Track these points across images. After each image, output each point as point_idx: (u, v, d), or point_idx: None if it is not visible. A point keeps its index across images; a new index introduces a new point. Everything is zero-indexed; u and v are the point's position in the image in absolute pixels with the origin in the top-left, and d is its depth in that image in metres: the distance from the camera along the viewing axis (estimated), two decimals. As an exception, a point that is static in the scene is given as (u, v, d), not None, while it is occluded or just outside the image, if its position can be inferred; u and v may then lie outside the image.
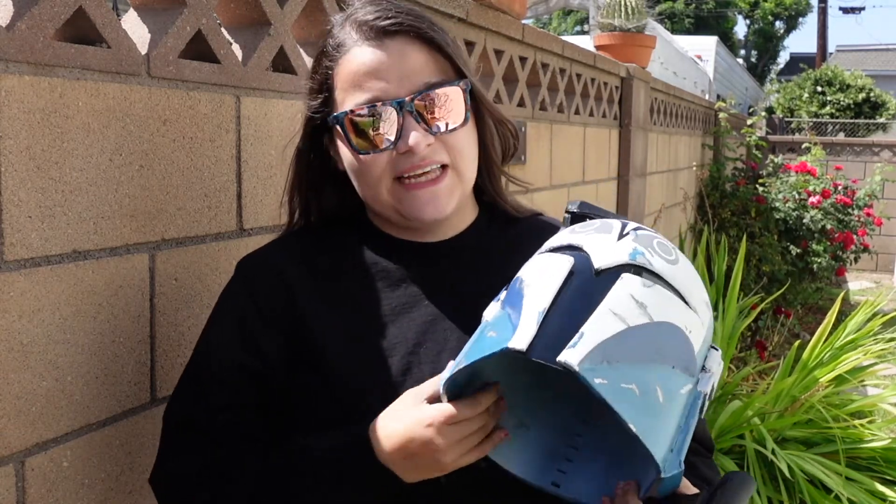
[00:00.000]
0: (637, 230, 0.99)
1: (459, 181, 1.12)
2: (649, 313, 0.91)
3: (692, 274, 0.99)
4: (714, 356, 0.98)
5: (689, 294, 0.96)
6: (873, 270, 11.08)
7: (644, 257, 0.95)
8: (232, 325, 1.13)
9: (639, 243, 0.96)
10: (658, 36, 5.46)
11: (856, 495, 3.14)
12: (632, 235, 0.98)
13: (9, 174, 1.03)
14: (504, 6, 2.54)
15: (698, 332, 0.95)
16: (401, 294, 1.13)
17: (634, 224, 1.01)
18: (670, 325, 0.92)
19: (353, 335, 1.11)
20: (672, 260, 0.97)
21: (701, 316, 0.96)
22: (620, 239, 0.97)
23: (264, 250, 1.20)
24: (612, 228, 1.00)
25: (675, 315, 0.93)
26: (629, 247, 0.96)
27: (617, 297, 0.91)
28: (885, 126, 15.35)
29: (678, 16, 30.94)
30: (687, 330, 0.93)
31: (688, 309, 0.94)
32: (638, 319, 0.90)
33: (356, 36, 1.10)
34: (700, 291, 0.98)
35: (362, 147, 1.09)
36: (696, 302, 0.96)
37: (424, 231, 1.17)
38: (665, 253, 0.97)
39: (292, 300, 1.12)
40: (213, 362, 1.13)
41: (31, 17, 1.04)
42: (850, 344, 3.91)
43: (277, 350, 1.11)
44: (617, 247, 0.96)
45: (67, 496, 1.15)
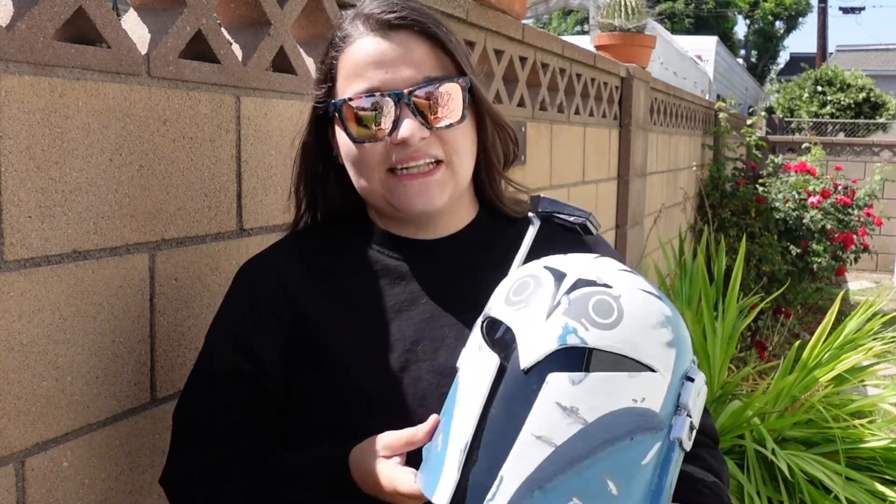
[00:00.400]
0: (570, 292, 0.90)
1: (452, 177, 1.13)
2: (582, 417, 0.85)
3: (642, 322, 0.89)
4: (689, 388, 0.90)
5: (638, 351, 0.87)
6: (873, 270, 11.08)
7: (576, 335, 0.86)
8: (229, 330, 1.16)
9: (570, 316, 0.88)
10: (658, 36, 5.46)
11: (856, 495, 3.14)
12: (563, 306, 0.89)
13: (9, 174, 1.03)
14: (504, 6, 2.54)
15: (656, 386, 0.88)
16: (400, 291, 1.14)
17: (572, 279, 0.92)
18: (612, 413, 0.85)
19: (354, 333, 1.12)
20: (612, 322, 0.88)
21: (659, 367, 0.88)
22: (550, 315, 0.89)
23: (265, 253, 1.21)
24: (544, 298, 0.91)
25: (617, 397, 0.86)
26: (559, 325, 0.87)
27: (540, 414, 0.85)
28: (885, 126, 15.35)
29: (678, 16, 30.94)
30: (639, 399, 0.86)
31: (636, 373, 0.87)
32: (568, 432, 0.84)
33: (362, 28, 1.12)
34: (656, 336, 0.89)
35: (359, 135, 1.10)
36: (651, 353, 0.88)
37: (424, 228, 1.17)
38: (603, 316, 0.88)
39: (293, 300, 1.14)
40: (211, 364, 1.16)
41: (31, 17, 1.04)
42: (849, 344, 3.91)
43: (275, 353, 1.13)
44: (546, 328, 0.88)
45: (67, 496, 1.15)
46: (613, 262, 0.98)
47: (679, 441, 0.89)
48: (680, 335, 0.92)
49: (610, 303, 0.89)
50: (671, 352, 0.90)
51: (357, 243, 1.19)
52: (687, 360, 0.92)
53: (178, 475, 1.15)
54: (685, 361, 0.92)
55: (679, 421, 0.89)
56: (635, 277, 0.95)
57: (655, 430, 0.87)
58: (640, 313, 0.89)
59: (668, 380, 0.89)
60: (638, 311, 0.89)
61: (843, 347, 3.87)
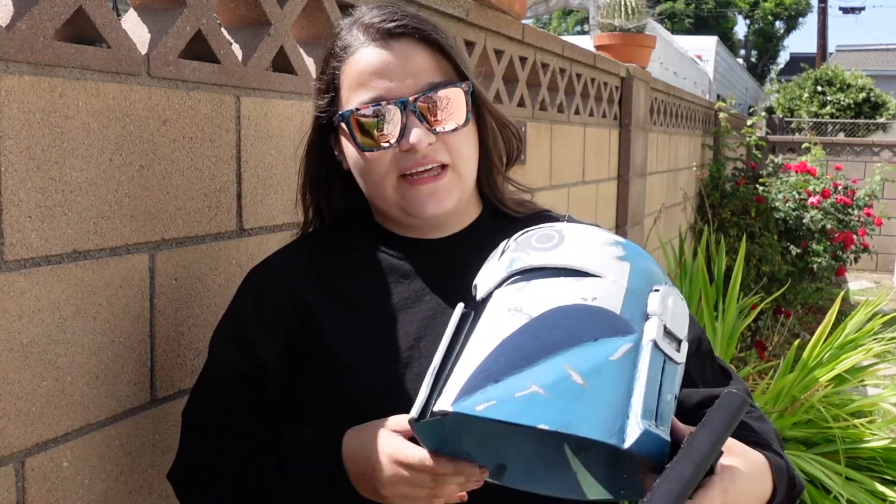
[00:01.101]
0: (518, 238, 0.99)
1: (458, 180, 1.14)
2: (527, 312, 0.88)
3: (586, 242, 0.95)
4: (655, 297, 0.92)
5: (584, 263, 0.92)
6: (873, 270, 11.08)
7: (521, 261, 0.94)
8: (233, 334, 1.18)
9: (516, 251, 0.96)
10: (658, 36, 5.46)
11: (856, 495, 3.14)
12: (511, 246, 0.97)
13: (9, 174, 1.03)
14: (504, 6, 2.54)
15: (609, 291, 0.90)
16: (404, 289, 1.16)
17: (523, 231, 1.01)
18: (560, 308, 0.88)
19: (357, 333, 1.13)
20: (553, 244, 0.95)
21: (608, 275, 0.92)
22: (501, 256, 0.97)
23: (271, 258, 1.24)
24: (498, 249, 1.00)
25: (563, 295, 0.89)
26: (507, 260, 0.95)
27: (487, 319, 0.90)
28: (885, 126, 15.34)
29: (678, 16, 30.94)
30: (590, 298, 0.89)
31: (583, 278, 0.91)
32: (513, 325, 0.88)
33: (363, 38, 1.13)
34: (602, 251, 0.94)
35: (367, 145, 1.12)
36: (598, 265, 0.92)
37: (428, 228, 1.19)
38: (544, 242, 0.96)
39: (298, 301, 1.16)
40: (215, 367, 1.18)
41: (31, 17, 1.04)
42: (849, 344, 3.91)
43: (277, 356, 1.15)
44: (497, 266, 0.96)
45: (67, 496, 1.15)
46: None
47: (654, 342, 0.88)
48: (637, 256, 0.95)
49: (551, 234, 0.97)
50: (623, 264, 0.93)
51: (361, 244, 1.20)
52: (650, 278, 0.94)
53: (183, 472, 1.18)
54: (646, 278, 0.94)
55: (650, 323, 0.89)
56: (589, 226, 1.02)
57: (623, 333, 0.87)
58: (583, 236, 0.96)
59: (624, 285, 0.91)
60: (581, 236, 0.96)
61: (843, 347, 3.87)
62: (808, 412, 3.49)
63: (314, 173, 1.21)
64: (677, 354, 0.91)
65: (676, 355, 0.90)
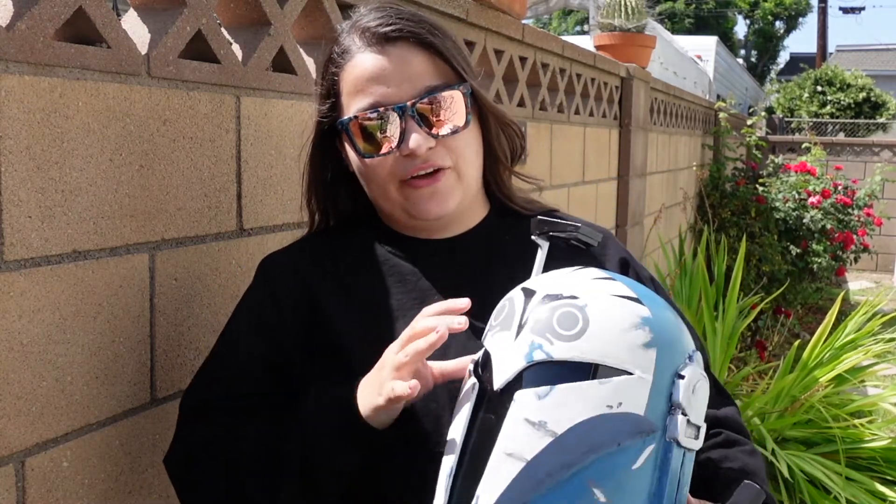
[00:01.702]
0: (536, 311, 0.91)
1: (459, 181, 1.15)
2: (551, 429, 0.84)
3: (610, 327, 0.88)
4: (681, 386, 0.88)
5: (609, 356, 0.87)
6: (873, 270, 11.07)
7: (542, 350, 0.88)
8: (254, 319, 1.18)
9: (536, 333, 0.89)
10: (658, 36, 5.45)
11: (856, 495, 3.14)
12: (529, 324, 0.90)
13: (9, 174, 1.03)
14: (504, 6, 2.54)
15: (635, 389, 0.87)
16: (411, 289, 1.16)
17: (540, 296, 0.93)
18: (584, 422, 0.85)
19: (366, 331, 1.14)
20: (576, 332, 0.88)
21: (634, 369, 0.87)
22: (518, 335, 0.90)
23: (283, 250, 1.25)
24: (513, 318, 0.93)
25: (588, 405, 0.85)
26: (526, 343, 0.89)
27: (509, 432, 0.86)
28: (885, 126, 15.34)
29: (678, 16, 30.94)
30: (615, 404, 0.85)
31: (608, 380, 0.86)
32: (538, 445, 0.84)
33: (360, 42, 1.13)
34: (628, 339, 0.88)
35: (367, 151, 1.13)
36: (623, 356, 0.87)
37: (434, 228, 1.19)
38: (568, 327, 0.88)
39: (310, 298, 1.16)
40: (237, 352, 1.17)
41: (31, 17, 1.04)
42: (849, 344, 3.91)
43: (296, 340, 1.15)
44: (514, 348, 0.90)
45: (67, 496, 1.15)
46: (592, 271, 0.97)
47: (676, 440, 0.87)
48: (664, 334, 0.90)
49: (574, 314, 0.89)
50: (649, 352, 0.88)
51: (369, 245, 1.21)
52: (677, 358, 0.90)
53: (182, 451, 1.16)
54: (673, 359, 0.90)
55: (673, 421, 0.87)
56: (611, 284, 0.94)
57: (646, 434, 0.85)
58: (608, 319, 0.89)
59: (650, 380, 0.87)
60: (606, 317, 0.89)
61: (843, 347, 3.87)
62: (808, 412, 3.49)
63: (319, 177, 1.22)
64: (696, 442, 0.90)
65: (695, 444, 0.90)
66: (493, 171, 1.23)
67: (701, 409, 0.91)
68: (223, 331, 1.21)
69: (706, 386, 0.92)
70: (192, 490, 1.15)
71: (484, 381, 0.92)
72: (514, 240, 1.20)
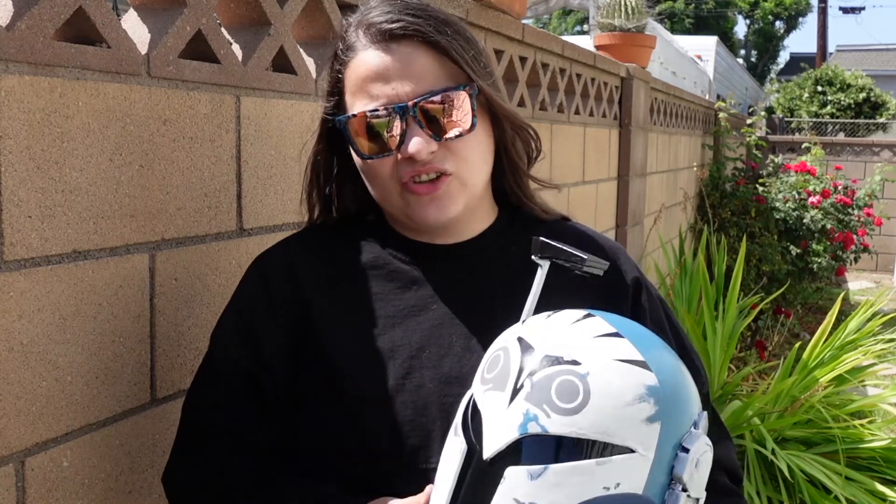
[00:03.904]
0: (535, 377, 0.84)
1: (462, 187, 1.10)
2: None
3: (612, 401, 0.82)
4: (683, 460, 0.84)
5: (609, 433, 0.81)
6: (873, 270, 11.07)
7: (537, 423, 0.82)
8: (238, 324, 1.16)
9: (532, 402, 0.83)
10: (658, 36, 5.46)
11: (856, 495, 3.14)
12: (525, 389, 0.84)
13: (9, 174, 1.03)
14: (504, 6, 2.54)
15: (634, 468, 0.82)
16: (411, 296, 1.13)
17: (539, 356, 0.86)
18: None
19: (358, 336, 1.11)
20: (576, 405, 0.82)
21: (637, 445, 0.82)
22: (513, 399, 0.84)
23: (280, 245, 1.21)
24: (507, 378, 0.86)
25: (583, 487, 0.80)
26: (520, 412, 0.83)
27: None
28: (885, 126, 15.35)
29: (678, 16, 30.93)
30: (612, 486, 0.80)
31: (606, 459, 0.81)
32: None
33: (364, 39, 1.10)
34: (631, 414, 0.82)
35: (367, 151, 1.09)
36: (625, 433, 0.82)
37: (438, 233, 1.15)
38: (567, 399, 0.82)
39: (303, 297, 1.14)
40: (217, 359, 1.16)
41: (31, 17, 1.04)
42: (850, 344, 3.91)
43: (284, 347, 1.13)
44: (508, 416, 0.83)
45: (67, 496, 1.15)
46: (597, 325, 0.90)
47: None
48: (669, 404, 0.85)
49: (575, 384, 0.83)
50: (653, 427, 0.83)
51: (371, 245, 1.17)
52: (681, 428, 0.85)
53: (177, 482, 1.16)
54: (678, 430, 0.85)
55: (673, 496, 0.83)
56: (616, 344, 0.87)
57: None
58: (610, 391, 0.83)
59: (651, 457, 0.82)
60: (608, 390, 0.83)
61: (844, 348, 3.87)
62: (808, 412, 3.49)
63: (323, 173, 1.19)
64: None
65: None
66: (512, 173, 1.18)
67: (703, 482, 0.86)
68: (213, 333, 1.18)
69: (710, 457, 0.87)
70: None
71: (472, 443, 0.86)
72: (519, 250, 1.15)
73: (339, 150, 1.17)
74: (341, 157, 1.18)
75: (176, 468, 1.17)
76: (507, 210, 1.22)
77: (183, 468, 1.16)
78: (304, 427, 1.12)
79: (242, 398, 1.13)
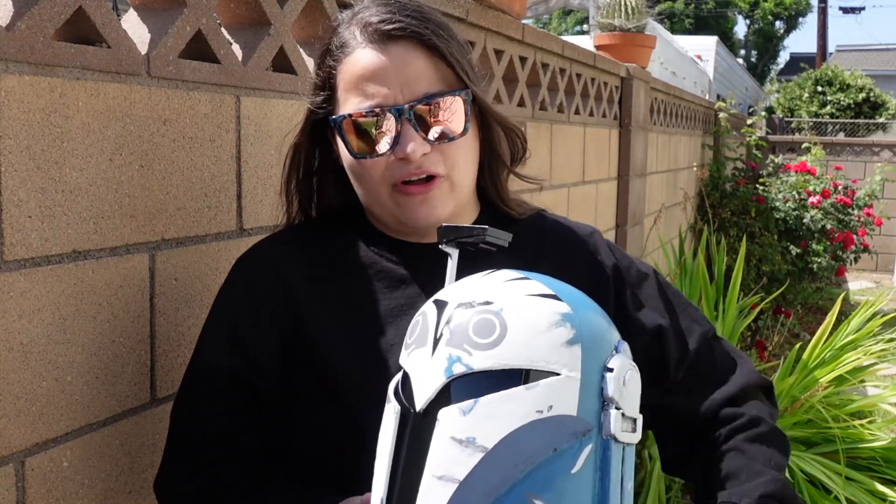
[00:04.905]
0: (452, 322, 0.86)
1: (452, 189, 1.11)
2: (480, 445, 0.80)
3: (529, 328, 0.84)
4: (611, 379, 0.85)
5: (533, 359, 0.83)
6: (873, 270, 11.08)
7: (461, 363, 0.83)
8: (224, 328, 1.15)
9: (452, 346, 0.84)
10: (658, 36, 5.46)
11: (856, 495, 3.14)
12: (445, 336, 0.85)
13: (9, 174, 1.03)
14: (504, 6, 2.54)
15: (564, 390, 0.83)
16: (399, 295, 1.13)
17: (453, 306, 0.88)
18: (516, 431, 0.81)
19: (350, 336, 1.11)
20: (495, 339, 0.83)
21: (561, 369, 0.83)
22: (435, 350, 0.86)
23: (263, 243, 1.20)
24: (427, 333, 0.88)
25: (516, 414, 0.81)
26: (443, 358, 0.84)
27: (437, 454, 0.81)
28: (885, 126, 15.35)
29: (678, 16, 30.94)
30: (545, 408, 0.82)
31: (535, 384, 0.82)
32: (469, 464, 0.80)
33: (360, 38, 1.09)
34: (549, 338, 0.84)
35: (360, 150, 1.09)
36: (548, 359, 0.83)
37: (423, 233, 1.16)
38: (485, 335, 0.84)
39: (291, 296, 1.13)
40: (204, 364, 1.15)
41: (31, 17, 1.04)
42: (850, 344, 3.91)
43: (271, 347, 1.12)
44: (432, 365, 0.85)
45: (67, 496, 1.15)
46: (505, 273, 0.92)
47: (612, 437, 0.84)
48: (586, 328, 0.87)
49: (490, 320, 0.85)
50: (574, 349, 0.85)
51: (355, 244, 1.18)
52: (603, 351, 0.87)
53: (170, 491, 1.16)
54: (600, 353, 0.87)
55: (608, 416, 0.84)
56: (526, 283, 0.90)
57: (581, 434, 0.82)
58: (526, 320, 0.85)
59: (578, 378, 0.84)
60: (524, 319, 0.85)
61: (844, 348, 3.88)
62: (808, 412, 3.49)
63: (304, 166, 1.18)
64: (633, 436, 0.87)
65: (633, 437, 0.87)
66: (494, 174, 1.20)
67: (634, 400, 0.88)
68: (199, 336, 1.17)
69: (637, 376, 0.89)
70: None
71: (405, 403, 0.87)
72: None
73: (322, 143, 1.17)
74: (323, 151, 1.18)
75: (168, 477, 1.16)
76: (488, 209, 1.23)
77: (175, 477, 1.15)
78: (299, 427, 1.12)
79: (233, 404, 1.13)
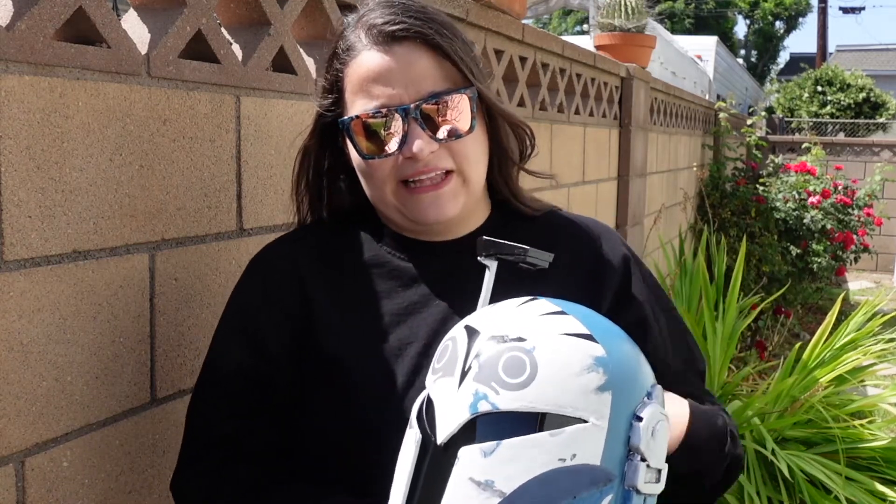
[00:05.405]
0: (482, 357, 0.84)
1: (463, 186, 1.13)
2: (498, 489, 0.79)
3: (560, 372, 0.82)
4: (638, 429, 0.83)
5: (560, 404, 0.81)
6: (873, 270, 11.08)
7: (487, 401, 0.82)
8: (239, 326, 1.16)
9: (480, 381, 0.83)
10: (658, 36, 5.46)
11: (856, 495, 3.13)
12: (473, 370, 0.84)
13: (9, 174, 1.03)
14: (504, 6, 2.54)
15: (589, 438, 0.81)
16: (412, 293, 1.14)
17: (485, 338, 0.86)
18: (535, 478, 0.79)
19: (364, 335, 1.12)
20: (524, 380, 0.82)
21: (589, 416, 0.82)
22: (461, 383, 0.84)
23: (276, 243, 1.22)
24: (456, 362, 0.86)
25: (538, 460, 0.80)
26: (469, 393, 0.83)
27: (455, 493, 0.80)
28: (885, 126, 15.35)
29: (678, 16, 30.94)
30: (568, 457, 0.80)
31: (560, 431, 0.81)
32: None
33: (365, 40, 1.11)
34: (580, 384, 0.82)
35: (368, 151, 1.11)
36: (577, 405, 0.82)
37: (434, 231, 1.17)
38: (514, 374, 0.82)
39: (306, 295, 1.14)
40: (220, 363, 1.16)
41: (31, 17, 1.04)
42: (850, 344, 3.91)
43: (288, 343, 1.13)
44: (458, 399, 0.83)
45: (67, 496, 1.15)
46: (541, 304, 0.90)
47: (635, 488, 0.83)
48: (619, 374, 0.85)
49: (521, 358, 0.83)
50: (604, 396, 0.83)
51: (367, 244, 1.19)
52: (635, 398, 0.85)
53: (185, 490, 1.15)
54: (631, 400, 0.85)
55: (632, 466, 0.83)
56: (561, 320, 0.87)
57: (603, 483, 0.81)
58: (557, 363, 0.83)
59: (605, 427, 0.82)
60: (555, 361, 0.83)
61: (844, 348, 3.87)
62: (808, 412, 3.49)
63: (314, 168, 1.20)
64: (656, 486, 0.86)
65: (656, 488, 0.86)
66: (504, 171, 1.21)
67: (661, 451, 0.86)
68: (214, 335, 1.18)
69: (666, 426, 0.87)
70: None
71: (426, 432, 0.86)
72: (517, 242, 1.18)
73: (331, 145, 1.18)
74: (333, 152, 1.19)
75: (183, 478, 1.16)
76: (499, 207, 1.24)
77: (191, 476, 1.15)
78: (308, 425, 1.12)
79: (246, 405, 1.13)
